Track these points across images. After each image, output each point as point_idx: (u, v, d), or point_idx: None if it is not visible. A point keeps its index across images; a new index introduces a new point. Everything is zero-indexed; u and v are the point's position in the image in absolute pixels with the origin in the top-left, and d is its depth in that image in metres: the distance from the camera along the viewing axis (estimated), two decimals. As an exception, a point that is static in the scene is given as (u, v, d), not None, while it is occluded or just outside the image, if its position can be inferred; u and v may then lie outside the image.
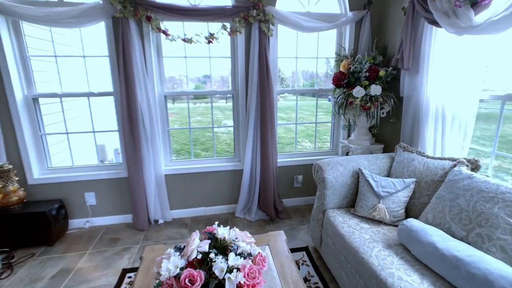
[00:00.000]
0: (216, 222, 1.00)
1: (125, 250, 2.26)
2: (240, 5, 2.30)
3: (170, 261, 0.82)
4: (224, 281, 0.79)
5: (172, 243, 2.34)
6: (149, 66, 2.35)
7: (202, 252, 0.87)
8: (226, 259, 0.85)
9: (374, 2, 2.52)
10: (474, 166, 1.61)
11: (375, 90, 2.15)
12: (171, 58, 2.51)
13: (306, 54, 2.74)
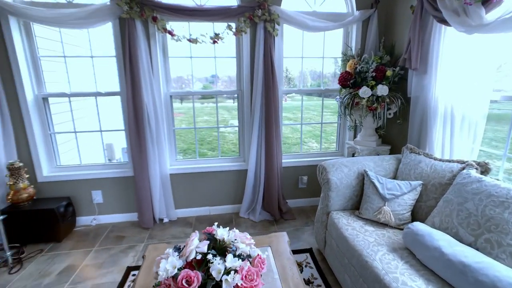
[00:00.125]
0: (215, 223, 1.00)
1: (130, 248, 2.29)
2: (245, 5, 2.29)
3: (168, 261, 0.82)
4: (221, 282, 0.79)
5: (176, 242, 2.36)
6: (155, 66, 2.37)
7: (201, 252, 0.87)
8: (224, 261, 0.84)
9: (382, 1, 2.47)
10: (484, 169, 1.56)
11: (382, 90, 2.11)
12: (180, 58, 2.53)
13: (313, 54, 2.72)
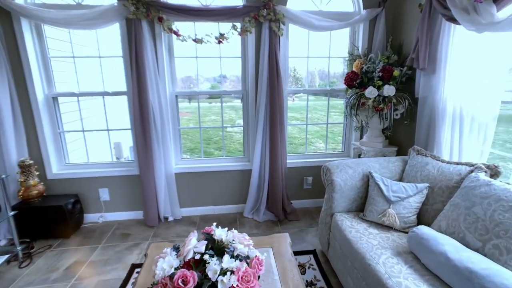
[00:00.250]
0: (214, 223, 1.00)
1: (135, 245, 2.32)
2: (250, 4, 2.29)
3: (165, 260, 0.82)
4: (217, 283, 0.79)
5: (180, 241, 2.38)
6: (160, 66, 2.39)
7: (198, 252, 0.87)
8: (221, 261, 0.84)
9: (389, 0, 2.42)
10: (494, 173, 1.51)
11: (389, 90, 2.07)
12: (189, 59, 2.54)
13: (320, 54, 2.69)
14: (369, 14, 2.40)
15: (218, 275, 0.80)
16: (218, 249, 0.95)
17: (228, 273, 0.81)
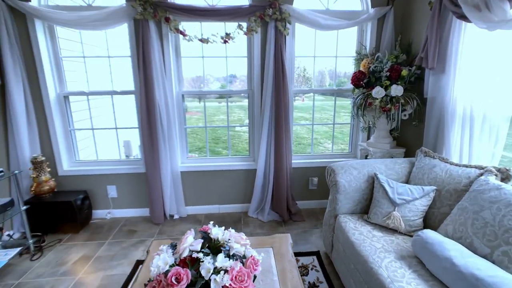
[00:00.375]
0: (211, 222, 1.00)
1: (140, 242, 2.37)
2: (256, 4, 2.29)
3: (161, 257, 0.84)
4: (210, 281, 0.79)
5: (184, 239, 2.40)
6: (167, 66, 2.42)
7: (194, 251, 0.88)
8: (216, 260, 0.84)
9: (399, -3, 2.37)
10: (505, 176, 1.45)
11: (396, 90, 2.02)
12: (200, 59, 2.56)
13: (328, 53, 2.66)
14: (377, 13, 2.35)
15: (211, 274, 0.81)
16: (214, 248, 0.95)
17: (221, 272, 0.82)
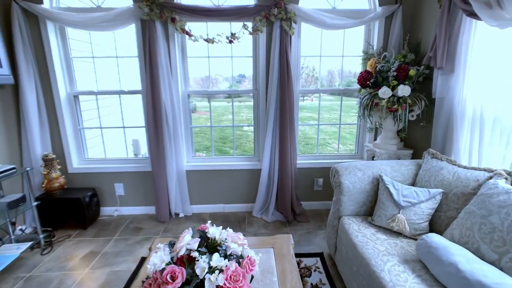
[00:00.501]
0: (209, 221, 1.01)
1: (146, 239, 2.41)
2: (262, 4, 2.28)
3: (157, 255, 0.85)
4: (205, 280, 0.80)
5: (188, 237, 2.43)
6: (173, 66, 2.45)
7: (191, 249, 0.89)
8: (211, 259, 0.85)
9: (408, -5, 2.32)
10: (516, 180, 1.39)
11: (403, 91, 1.98)
12: (209, 59, 2.59)
13: (336, 53, 2.63)
14: (385, 11, 2.31)
15: (206, 273, 0.81)
16: (212, 247, 0.96)
17: (216, 271, 0.82)
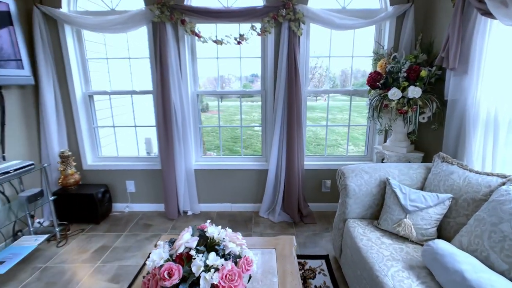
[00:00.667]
0: (208, 220, 1.03)
1: (154, 236, 2.47)
2: (270, 4, 2.29)
3: (156, 252, 0.88)
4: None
5: (195, 235, 2.47)
6: (183, 67, 2.50)
7: (189, 248, 0.91)
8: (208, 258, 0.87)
9: (421, -6, 2.25)
10: (531, 187, 1.33)
11: (413, 92, 1.92)
12: (223, 60, 2.63)
13: (347, 53, 2.59)
14: (396, 11, 2.25)
15: (202, 271, 0.83)
16: (211, 246, 0.98)
17: (212, 270, 0.84)
